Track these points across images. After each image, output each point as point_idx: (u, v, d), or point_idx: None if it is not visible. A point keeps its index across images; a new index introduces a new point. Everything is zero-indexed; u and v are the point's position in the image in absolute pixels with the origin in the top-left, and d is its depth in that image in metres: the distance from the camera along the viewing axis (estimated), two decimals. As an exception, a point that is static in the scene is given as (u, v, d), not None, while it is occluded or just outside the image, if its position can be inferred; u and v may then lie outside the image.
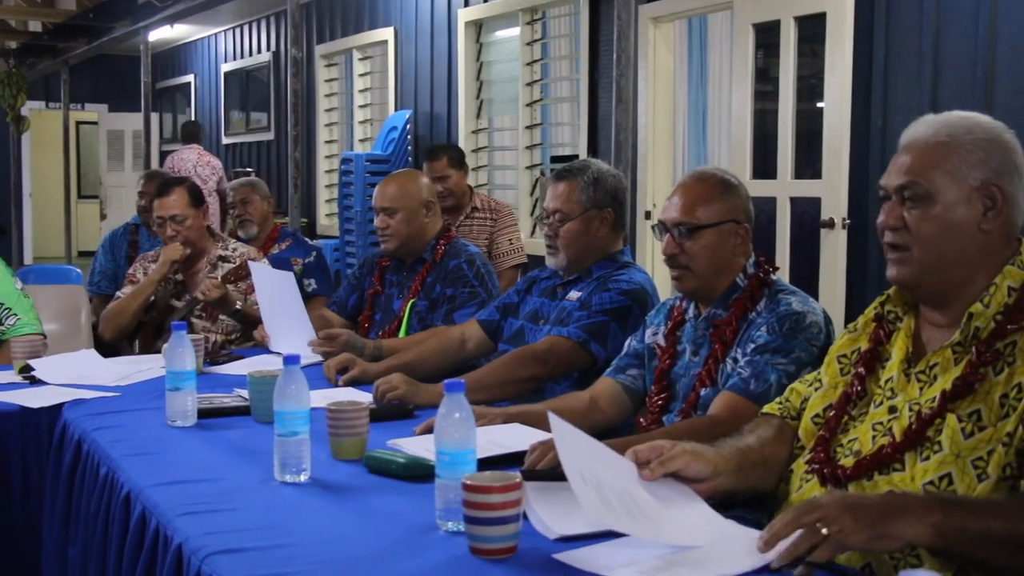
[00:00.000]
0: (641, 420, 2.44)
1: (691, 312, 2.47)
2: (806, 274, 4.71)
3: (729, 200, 2.40)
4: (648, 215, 5.80)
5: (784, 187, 4.87)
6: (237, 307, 3.78)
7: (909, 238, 1.75)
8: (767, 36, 5.09)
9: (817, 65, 4.89)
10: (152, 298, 3.92)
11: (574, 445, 1.72)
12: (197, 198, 4.02)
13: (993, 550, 1.51)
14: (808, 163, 5.01)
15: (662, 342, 2.50)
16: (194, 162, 9.64)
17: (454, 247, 3.57)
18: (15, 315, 3.52)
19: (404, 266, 3.63)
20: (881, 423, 1.78)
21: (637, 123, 5.52)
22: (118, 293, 4.02)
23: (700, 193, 2.41)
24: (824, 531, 1.48)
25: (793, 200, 4.87)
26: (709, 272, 2.39)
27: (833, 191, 4.61)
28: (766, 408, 2.04)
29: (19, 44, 11.73)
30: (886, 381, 1.81)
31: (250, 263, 3.74)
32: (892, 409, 1.77)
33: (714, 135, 8.47)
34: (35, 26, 11.04)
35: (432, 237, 3.58)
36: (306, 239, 5.39)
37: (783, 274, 4.48)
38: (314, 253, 5.00)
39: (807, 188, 4.82)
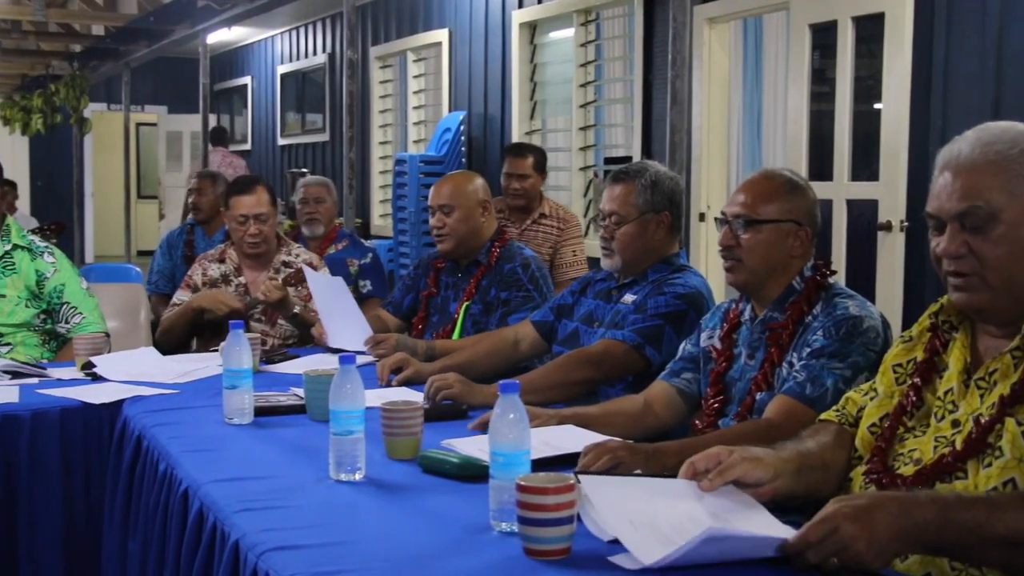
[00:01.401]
0: (696, 423, 2.43)
1: (747, 315, 2.45)
2: (863, 278, 4.66)
3: (793, 201, 2.38)
4: (703, 217, 5.78)
5: (840, 189, 4.83)
6: (295, 311, 3.81)
7: (976, 264, 1.70)
8: (824, 36, 5.04)
9: (875, 66, 4.83)
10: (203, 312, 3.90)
11: (613, 494, 1.72)
12: (274, 196, 4.00)
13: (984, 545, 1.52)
14: (864, 165, 4.96)
15: (718, 345, 2.48)
16: (218, 163, 10.32)
17: (509, 250, 3.57)
18: (81, 314, 3.58)
19: (459, 268, 3.63)
20: (944, 436, 1.75)
21: (691, 124, 5.50)
22: (174, 299, 4.04)
23: (764, 189, 2.39)
24: (835, 561, 1.50)
25: (849, 202, 4.83)
26: (761, 268, 2.36)
27: (891, 193, 4.56)
28: (823, 416, 2.03)
29: (82, 48, 11.92)
30: (945, 393, 1.78)
31: (305, 269, 3.75)
32: (955, 423, 1.74)
33: (769, 136, 8.40)
34: (98, 30, 11.20)
35: (487, 238, 3.58)
36: (362, 240, 5.43)
37: (839, 278, 4.45)
38: (370, 255, 5.03)
39: (864, 190, 4.77)
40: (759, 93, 8.36)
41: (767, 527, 1.68)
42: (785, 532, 1.58)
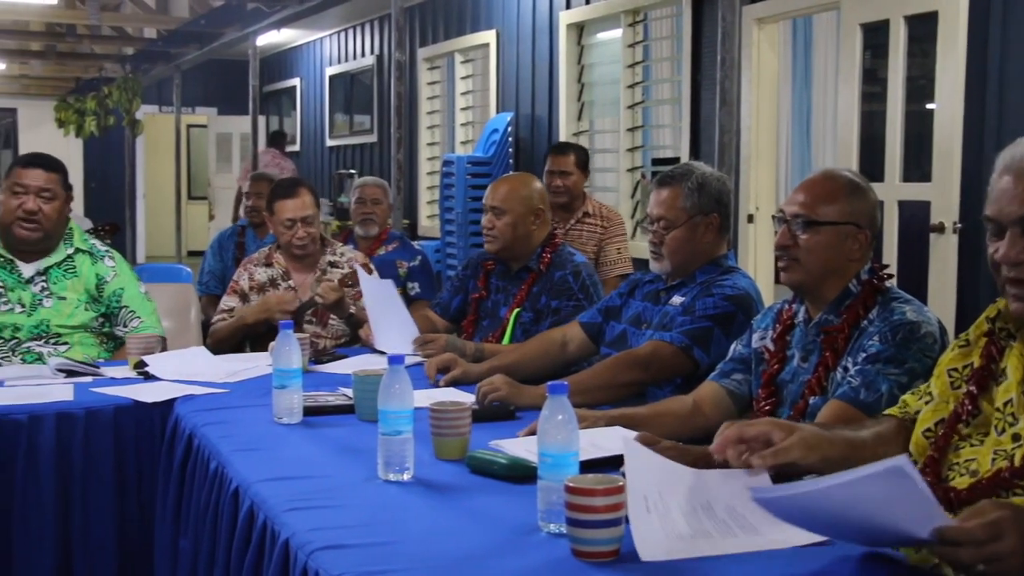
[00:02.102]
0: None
1: (801, 316, 2.43)
2: (914, 281, 4.60)
3: (854, 203, 2.34)
4: (751, 218, 5.74)
5: (892, 190, 4.77)
6: (351, 312, 3.82)
7: None
8: (875, 36, 4.99)
9: (927, 65, 4.78)
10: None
11: (646, 469, 1.72)
12: (317, 198, 4.04)
13: None
14: (916, 166, 4.91)
15: (770, 346, 2.46)
16: (266, 163, 10.65)
17: (560, 256, 3.55)
18: (139, 318, 3.63)
19: (510, 272, 3.62)
20: (1004, 450, 1.70)
21: (740, 125, 5.46)
22: (221, 304, 4.07)
23: (825, 190, 2.35)
24: (981, 568, 1.42)
25: (901, 204, 4.77)
26: (818, 270, 2.33)
27: (944, 194, 4.50)
28: (887, 411, 2.00)
29: (135, 50, 12.07)
30: (1005, 404, 1.73)
31: (359, 270, 3.76)
32: (1016, 437, 1.69)
33: (818, 137, 8.35)
34: (150, 33, 11.35)
35: (538, 245, 3.57)
36: (412, 243, 5.45)
37: (892, 281, 4.39)
38: (419, 257, 5.05)
39: (916, 192, 4.72)
40: (808, 93, 8.31)
41: (795, 532, 1.67)
42: (941, 518, 1.47)
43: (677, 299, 2.92)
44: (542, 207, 3.58)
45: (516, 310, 3.51)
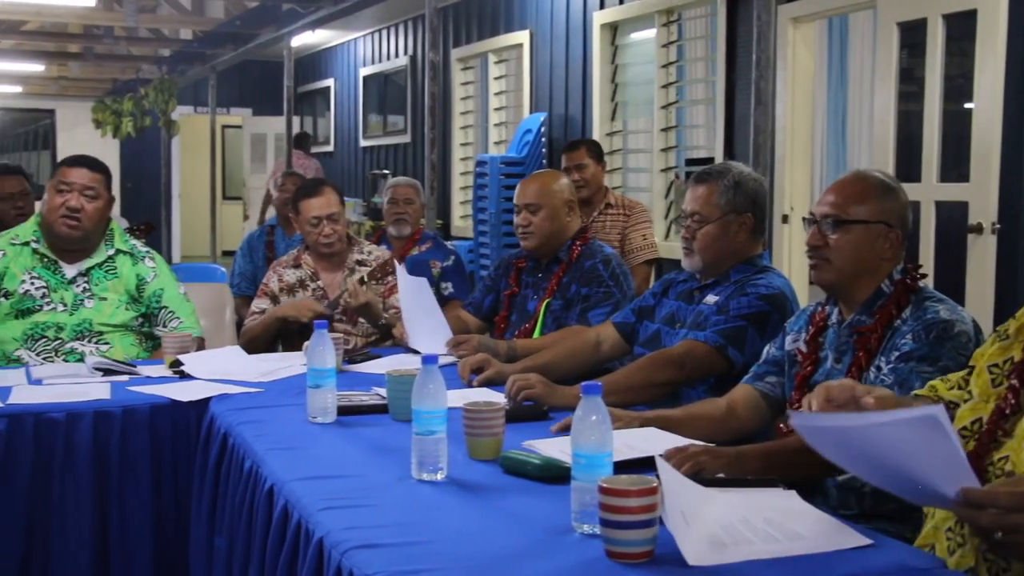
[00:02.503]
0: (781, 427, 2.40)
1: (834, 318, 2.41)
2: (952, 281, 4.56)
3: (885, 202, 2.33)
4: (786, 219, 5.70)
5: (929, 191, 4.73)
6: (383, 320, 3.83)
7: None
8: (912, 35, 4.95)
9: (966, 64, 4.73)
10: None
11: (679, 485, 1.72)
12: (342, 197, 4.06)
13: None
14: (954, 166, 4.86)
15: (803, 348, 2.45)
16: (294, 165, 10.61)
17: (590, 248, 3.58)
18: (178, 318, 3.66)
19: (540, 266, 3.64)
20: None
21: (775, 125, 5.43)
22: (252, 307, 4.08)
23: (856, 189, 2.34)
24: (999, 535, 1.42)
25: (938, 204, 4.73)
26: (849, 269, 2.32)
27: (982, 195, 4.46)
28: (916, 392, 1.99)
29: (171, 52, 12.16)
30: None
31: (398, 267, 3.75)
32: None
33: (854, 137, 8.28)
34: (186, 34, 11.43)
35: (570, 237, 3.59)
36: (445, 243, 5.45)
37: (927, 281, 4.35)
38: (452, 257, 5.05)
39: (953, 192, 4.67)
40: (844, 93, 8.25)
41: (837, 536, 1.66)
42: (969, 479, 1.47)
43: (711, 298, 2.91)
44: (573, 199, 3.63)
45: (547, 300, 3.52)
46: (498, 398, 2.63)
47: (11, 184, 4.96)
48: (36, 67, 12.82)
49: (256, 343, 3.85)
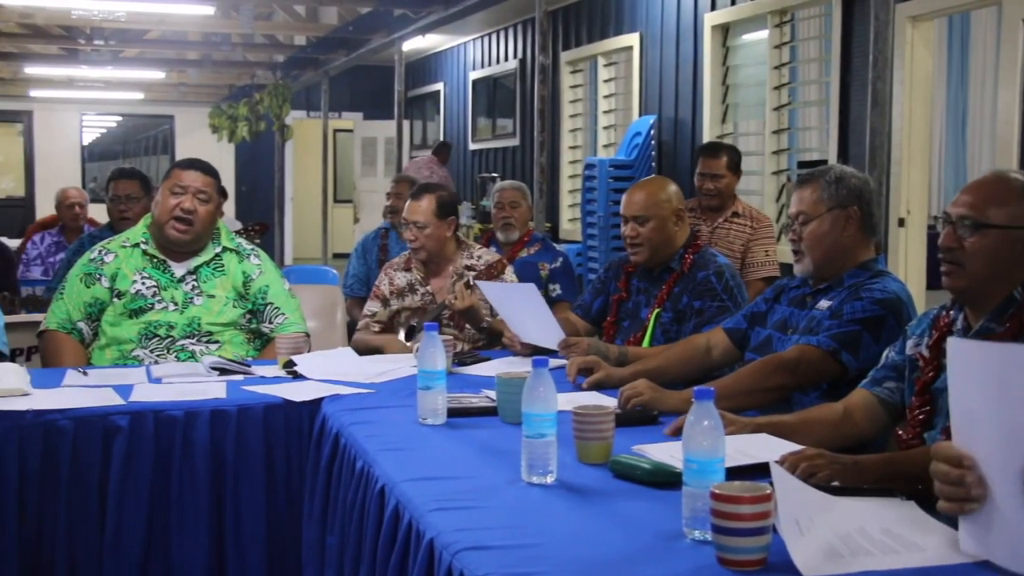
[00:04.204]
0: (900, 434, 2.33)
1: (959, 324, 2.32)
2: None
3: None
4: (902, 222, 5.56)
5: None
6: (485, 323, 3.84)
7: None
8: (1038, 32, 4.79)
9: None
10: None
11: (794, 493, 1.69)
12: (444, 209, 3.99)
13: None
14: (1082, 167, 4.69)
15: (925, 353, 2.36)
16: (420, 165, 10.89)
17: (702, 257, 3.50)
18: (283, 315, 3.72)
19: (651, 274, 3.59)
20: None
21: (891, 127, 5.30)
22: (365, 309, 4.13)
23: (996, 191, 2.22)
24: None
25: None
26: (984, 275, 2.21)
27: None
28: None
29: (285, 57, 12.43)
30: None
31: (479, 283, 3.74)
32: None
33: (975, 138, 8.05)
34: (300, 40, 11.68)
35: (680, 246, 3.53)
36: (554, 244, 5.45)
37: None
38: (560, 259, 5.05)
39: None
40: (964, 93, 8.02)
41: (949, 547, 1.62)
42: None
43: (824, 303, 2.85)
44: (681, 207, 3.55)
45: (656, 310, 3.47)
46: (608, 402, 2.62)
47: (124, 187, 5.12)
48: (157, 74, 13.22)
49: (365, 352, 3.88)
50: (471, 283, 3.90)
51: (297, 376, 3.25)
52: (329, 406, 2.87)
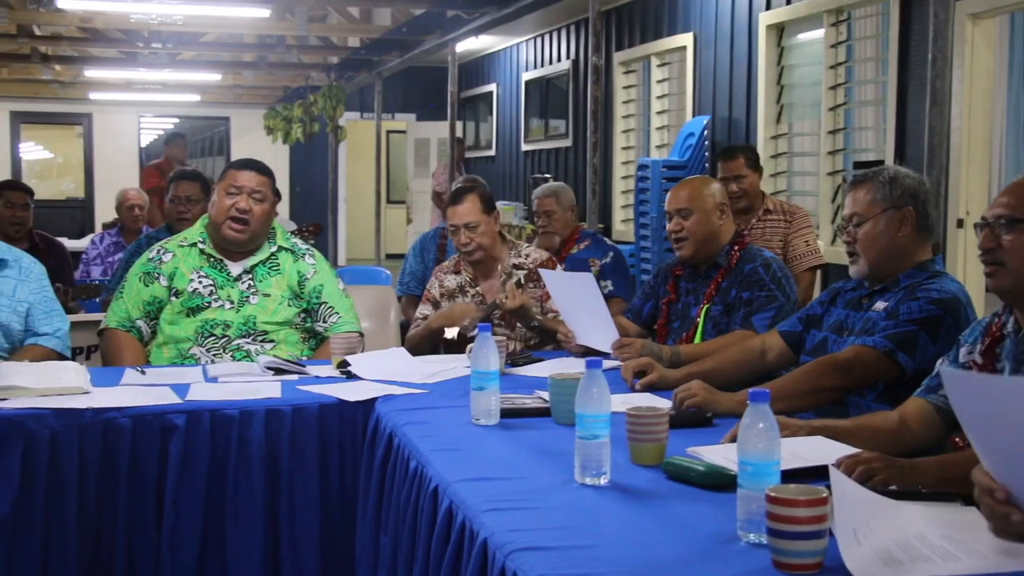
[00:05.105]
0: (956, 440, 2.30)
1: (1010, 327, 2.30)
2: None
3: None
4: (960, 223, 5.48)
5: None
6: (535, 322, 3.83)
7: None
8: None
9: None
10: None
11: (851, 501, 1.67)
12: (488, 204, 4.02)
13: None
14: None
15: (978, 359, 2.34)
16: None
17: (749, 252, 3.51)
18: (337, 314, 3.75)
19: (698, 273, 3.59)
20: None
21: (950, 126, 5.23)
22: (417, 313, 4.14)
23: None
24: None
25: None
26: None
27: None
28: None
29: (339, 59, 12.52)
30: None
31: (541, 271, 3.78)
32: None
33: (1036, 138, 7.90)
34: (353, 41, 11.76)
35: (726, 242, 3.54)
36: (605, 239, 5.43)
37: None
38: (611, 254, 5.02)
39: None
40: (1025, 92, 7.88)
41: (1012, 554, 1.59)
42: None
43: (880, 304, 2.82)
44: (724, 202, 3.57)
45: (706, 306, 3.47)
46: (661, 403, 2.61)
47: (184, 188, 5.18)
48: (213, 76, 13.37)
49: (417, 351, 3.90)
50: (521, 282, 3.90)
51: (351, 376, 3.27)
52: (383, 406, 2.89)
